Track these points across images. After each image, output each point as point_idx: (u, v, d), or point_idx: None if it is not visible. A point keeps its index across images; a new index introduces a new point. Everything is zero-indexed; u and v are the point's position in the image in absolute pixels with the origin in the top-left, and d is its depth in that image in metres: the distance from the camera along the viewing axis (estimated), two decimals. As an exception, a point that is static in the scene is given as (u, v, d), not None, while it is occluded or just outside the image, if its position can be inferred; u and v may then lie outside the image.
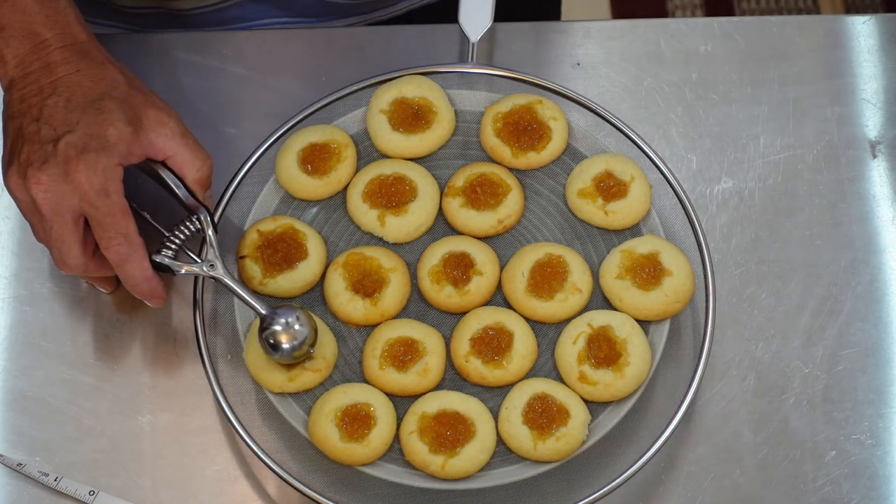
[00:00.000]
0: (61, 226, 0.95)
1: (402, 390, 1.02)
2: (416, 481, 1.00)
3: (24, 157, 0.95)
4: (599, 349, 1.02)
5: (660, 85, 1.18)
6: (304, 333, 0.99)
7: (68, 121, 0.95)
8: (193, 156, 0.99)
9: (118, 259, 0.96)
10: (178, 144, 0.98)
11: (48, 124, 0.95)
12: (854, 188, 1.14)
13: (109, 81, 0.97)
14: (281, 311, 0.99)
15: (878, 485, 1.05)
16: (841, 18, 1.29)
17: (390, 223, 1.07)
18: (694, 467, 1.05)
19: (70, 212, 0.94)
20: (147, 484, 1.04)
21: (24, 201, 0.96)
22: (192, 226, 1.01)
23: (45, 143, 0.94)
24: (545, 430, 1.00)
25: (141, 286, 0.98)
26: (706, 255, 1.06)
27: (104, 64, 0.98)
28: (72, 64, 0.97)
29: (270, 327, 0.99)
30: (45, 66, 0.97)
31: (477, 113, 1.11)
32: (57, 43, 0.97)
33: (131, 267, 0.96)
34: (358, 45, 1.19)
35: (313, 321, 1.00)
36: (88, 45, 0.99)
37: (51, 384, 1.07)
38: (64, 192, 0.94)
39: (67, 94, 0.96)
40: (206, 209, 1.00)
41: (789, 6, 2.46)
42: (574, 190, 1.08)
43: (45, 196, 0.94)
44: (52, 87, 0.96)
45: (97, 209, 0.94)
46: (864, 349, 1.09)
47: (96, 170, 0.94)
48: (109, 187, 0.94)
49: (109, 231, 0.95)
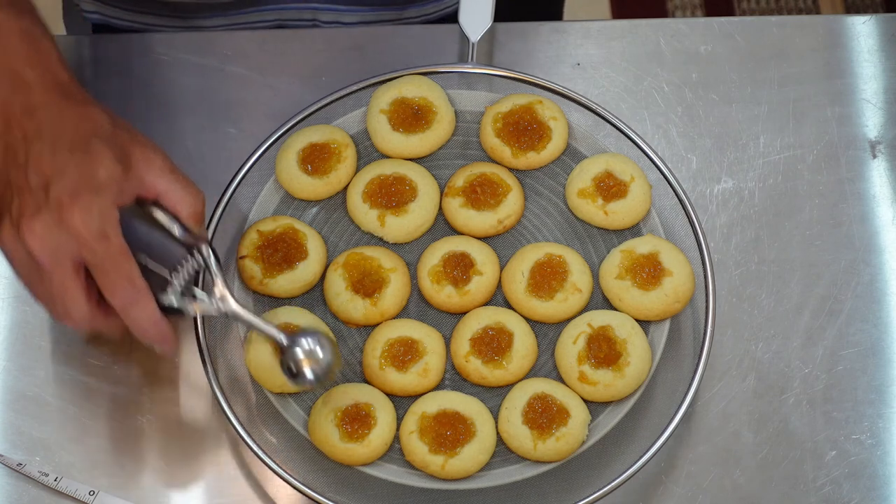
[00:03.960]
0: (62, 275, 0.90)
1: (402, 390, 1.02)
2: (416, 481, 1.00)
3: (16, 209, 0.90)
4: (599, 349, 1.02)
5: (660, 85, 1.18)
6: (327, 360, 0.95)
7: (57, 165, 0.90)
8: (186, 191, 0.95)
9: (124, 304, 0.91)
10: (169, 181, 0.94)
11: (36, 171, 0.90)
12: (854, 188, 1.14)
13: (94, 122, 0.93)
14: (301, 337, 0.96)
15: (878, 485, 1.05)
16: (841, 18, 1.29)
17: (390, 223, 1.07)
18: (694, 467, 1.05)
19: (70, 260, 0.90)
20: (147, 484, 1.04)
21: (18, 256, 0.91)
22: (195, 262, 0.96)
23: (35, 192, 0.90)
24: (545, 430, 1.00)
25: (150, 331, 0.93)
26: (706, 255, 1.06)
27: (86, 104, 0.94)
28: (55, 106, 0.93)
29: (292, 353, 0.95)
30: (26, 109, 0.92)
31: (477, 113, 1.11)
32: (39, 84, 0.93)
33: (138, 311, 0.92)
34: (358, 45, 1.19)
35: (336, 345, 0.97)
36: (70, 85, 0.94)
37: (51, 384, 1.07)
38: (61, 240, 0.89)
39: (52, 137, 0.91)
40: (206, 243, 0.96)
41: (789, 6, 2.46)
42: (574, 190, 1.08)
43: (42, 246, 0.89)
44: (37, 131, 0.92)
45: (97, 254, 0.90)
46: (864, 349, 1.09)
47: (92, 213, 0.89)
48: (108, 230, 0.90)
49: (112, 276, 0.91)
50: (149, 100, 1.16)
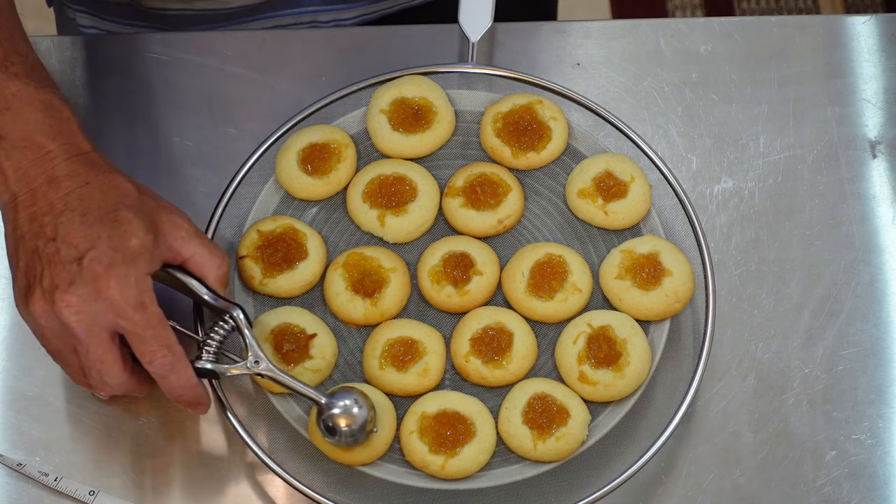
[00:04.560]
0: (98, 345, 0.91)
1: (402, 390, 1.02)
2: (416, 481, 1.00)
3: (48, 282, 0.91)
4: (599, 349, 1.02)
5: (660, 85, 1.18)
6: (363, 416, 0.97)
7: (89, 237, 0.91)
8: (211, 254, 0.96)
9: (163, 371, 0.92)
10: (195, 245, 0.96)
11: (67, 243, 0.91)
12: (854, 188, 1.14)
13: (120, 191, 0.94)
14: (339, 398, 0.97)
15: (878, 485, 1.05)
16: (841, 18, 1.29)
17: (390, 223, 1.07)
18: (694, 467, 1.05)
19: (106, 330, 0.91)
20: (147, 484, 1.04)
21: (50, 328, 0.92)
22: (226, 325, 0.98)
23: (68, 264, 0.90)
24: (545, 430, 1.00)
25: (188, 395, 0.95)
26: (706, 255, 1.06)
27: (111, 173, 0.95)
28: (80, 177, 0.93)
29: (329, 413, 0.97)
30: (51, 180, 0.93)
31: (477, 113, 1.11)
32: (62, 155, 0.93)
33: (177, 377, 0.93)
34: (358, 45, 1.19)
35: (371, 402, 0.98)
36: (93, 154, 0.95)
37: (51, 384, 1.07)
38: (97, 311, 0.90)
39: (81, 208, 0.92)
40: (238, 307, 0.98)
41: (789, 6, 2.46)
42: (574, 190, 1.08)
43: (79, 318, 0.90)
44: (63, 202, 0.92)
45: (136, 323, 0.91)
46: (864, 349, 1.09)
47: (129, 283, 0.90)
48: (145, 299, 0.91)
49: (151, 344, 0.91)
50: (149, 100, 1.16)
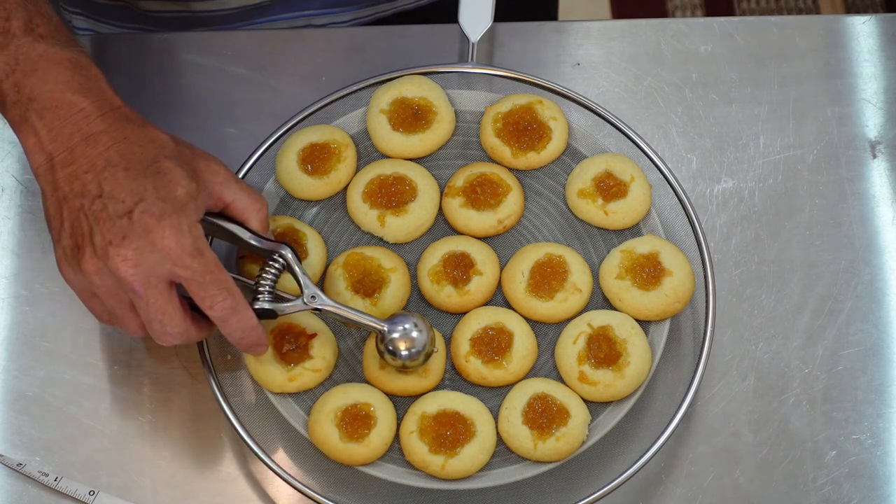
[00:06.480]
0: (157, 296, 0.91)
1: (402, 390, 1.02)
2: (416, 481, 1.00)
3: (100, 239, 0.90)
4: (599, 349, 1.02)
5: (660, 85, 1.18)
6: (423, 340, 0.99)
7: (135, 190, 0.91)
8: (251, 198, 0.97)
9: (224, 314, 0.93)
10: (235, 191, 0.97)
11: (114, 198, 0.91)
12: (854, 188, 1.14)
13: (158, 142, 0.94)
14: (398, 322, 0.99)
15: (878, 485, 1.05)
16: (841, 18, 1.29)
17: (390, 223, 1.07)
18: (694, 467, 1.05)
19: (164, 281, 0.91)
20: (147, 484, 1.04)
21: (104, 286, 0.92)
22: (276, 264, 0.98)
23: (117, 219, 0.90)
24: (545, 430, 1.00)
25: (249, 337, 0.95)
26: (706, 255, 1.06)
27: (146, 126, 0.95)
28: (116, 132, 0.93)
29: (390, 338, 0.99)
30: (87, 138, 0.93)
31: (477, 113, 1.11)
32: (95, 111, 0.93)
33: (238, 320, 0.93)
34: (358, 45, 1.19)
35: (429, 325, 1.01)
36: (125, 109, 0.95)
37: (51, 384, 1.07)
38: (154, 262, 0.90)
39: (123, 163, 0.92)
40: (286, 244, 0.98)
41: (789, 6, 2.46)
42: (574, 190, 1.08)
43: (136, 271, 0.90)
44: (104, 158, 0.92)
45: (194, 270, 0.91)
46: (864, 349, 1.09)
47: (182, 231, 0.90)
48: (200, 245, 0.91)
49: (211, 289, 0.92)
50: (149, 100, 1.16)
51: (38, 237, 1.11)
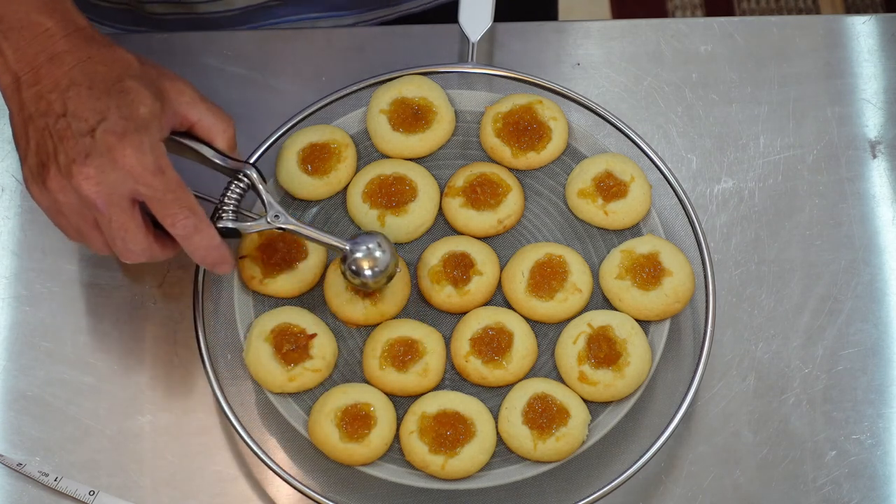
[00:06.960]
0: (119, 214, 0.92)
1: (402, 390, 1.02)
2: (416, 481, 1.00)
3: (63, 157, 0.92)
4: (599, 349, 1.02)
5: (660, 85, 1.18)
6: (385, 260, 1.00)
7: (98, 109, 0.92)
8: (217, 118, 0.98)
9: (186, 232, 0.94)
10: (201, 111, 0.97)
11: (77, 117, 0.92)
12: (854, 188, 1.14)
13: (123, 62, 0.95)
14: (361, 242, 1.00)
15: (878, 485, 1.05)
16: (841, 18, 1.29)
17: (390, 223, 1.07)
18: (694, 467, 1.05)
19: (126, 198, 0.92)
20: (147, 484, 1.04)
21: (69, 203, 0.93)
22: (241, 184, 1.00)
23: (80, 137, 0.91)
24: (545, 430, 1.00)
25: (212, 254, 0.96)
26: (706, 255, 1.06)
27: (110, 46, 0.96)
28: (81, 51, 0.94)
29: (353, 258, 0.99)
30: (52, 57, 0.94)
31: (477, 113, 1.11)
32: (60, 31, 0.94)
33: (200, 238, 0.94)
34: (358, 45, 1.19)
35: (392, 245, 1.01)
36: (90, 30, 0.96)
37: (51, 384, 1.07)
38: (116, 180, 0.91)
39: (87, 82, 0.93)
40: (251, 165, 1.00)
41: (789, 6, 2.46)
42: (574, 190, 1.08)
43: (98, 188, 0.91)
44: (68, 78, 0.93)
45: (156, 188, 0.92)
46: (864, 349, 1.09)
47: (144, 150, 0.91)
48: (161, 164, 0.92)
49: (173, 207, 0.93)
50: (149, 100, 1.16)
51: (38, 237, 1.11)
